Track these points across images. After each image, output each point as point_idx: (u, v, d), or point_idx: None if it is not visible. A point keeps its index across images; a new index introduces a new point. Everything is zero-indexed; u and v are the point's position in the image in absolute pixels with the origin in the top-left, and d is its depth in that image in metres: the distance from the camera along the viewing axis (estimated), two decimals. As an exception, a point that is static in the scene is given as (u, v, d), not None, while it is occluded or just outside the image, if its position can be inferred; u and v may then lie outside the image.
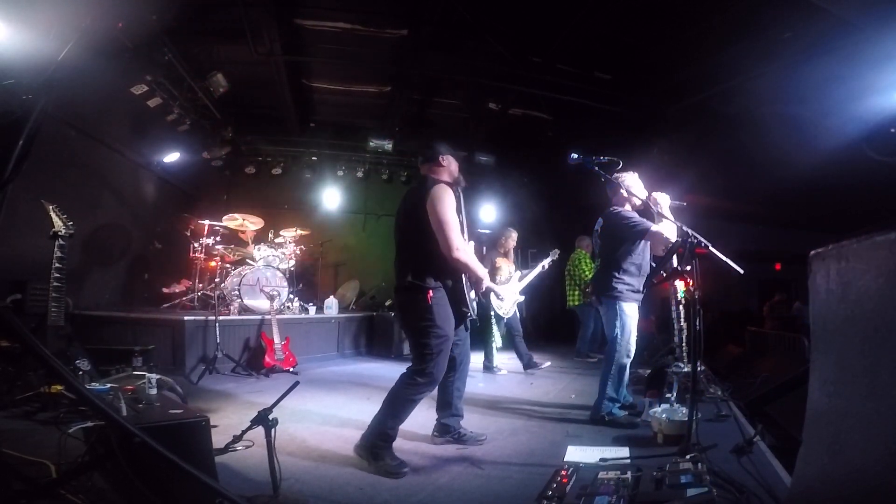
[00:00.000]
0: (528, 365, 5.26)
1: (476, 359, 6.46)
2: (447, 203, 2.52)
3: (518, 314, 5.42)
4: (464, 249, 2.53)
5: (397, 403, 2.52)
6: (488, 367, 5.31)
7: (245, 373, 4.80)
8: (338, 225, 8.49)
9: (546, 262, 5.33)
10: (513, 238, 5.52)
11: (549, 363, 5.44)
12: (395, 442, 2.50)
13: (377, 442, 2.44)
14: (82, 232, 4.97)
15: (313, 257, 7.58)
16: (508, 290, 5.25)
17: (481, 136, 8.21)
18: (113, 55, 4.56)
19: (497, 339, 5.33)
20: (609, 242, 3.39)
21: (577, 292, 6.33)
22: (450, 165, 2.76)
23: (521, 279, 5.35)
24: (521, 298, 5.39)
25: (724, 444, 2.48)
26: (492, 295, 5.16)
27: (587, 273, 6.10)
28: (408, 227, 2.62)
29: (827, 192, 6.72)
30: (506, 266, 5.36)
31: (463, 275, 2.62)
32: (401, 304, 2.69)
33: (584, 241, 6.30)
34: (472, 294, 2.73)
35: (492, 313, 5.23)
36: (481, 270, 2.67)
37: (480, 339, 5.26)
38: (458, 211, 2.63)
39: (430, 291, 2.50)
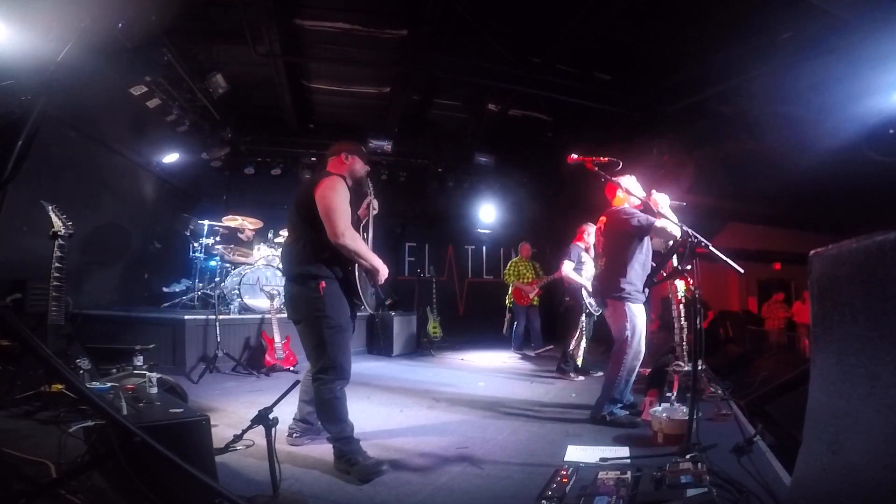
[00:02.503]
0: (565, 372, 5.04)
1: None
2: (338, 191, 2.47)
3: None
4: (351, 236, 2.43)
5: (326, 409, 2.43)
6: (564, 369, 5.05)
7: (245, 372, 4.81)
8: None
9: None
10: (594, 232, 5.14)
11: (582, 378, 4.98)
12: (395, 442, 2.48)
13: (342, 450, 2.37)
14: (82, 232, 4.96)
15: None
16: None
17: (481, 136, 8.22)
18: (113, 55, 4.57)
19: (584, 339, 5.10)
20: (613, 241, 3.36)
21: (510, 292, 7.12)
22: (352, 165, 2.74)
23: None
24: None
25: (724, 444, 2.48)
26: (583, 291, 5.00)
27: (510, 276, 7.01)
28: (297, 215, 2.56)
29: (827, 192, 6.72)
30: (589, 262, 5.15)
31: (356, 265, 2.52)
32: (291, 295, 2.54)
33: (525, 248, 7.15)
34: (369, 286, 2.63)
35: (585, 312, 5.03)
36: (375, 260, 2.55)
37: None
38: (356, 209, 2.65)
39: (323, 282, 2.43)
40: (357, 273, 2.54)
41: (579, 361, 5.18)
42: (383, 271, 2.60)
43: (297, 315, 2.51)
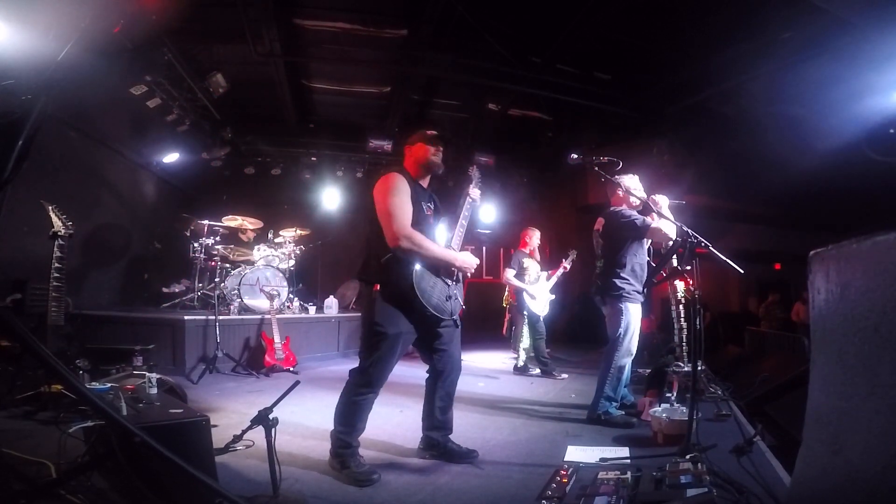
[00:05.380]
0: (547, 373, 5.17)
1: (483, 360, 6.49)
2: (391, 190, 2.37)
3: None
4: (408, 236, 2.29)
5: (343, 407, 2.42)
6: (545, 370, 5.18)
7: (245, 372, 4.80)
8: (337, 225, 8.49)
9: (567, 263, 5.36)
10: (536, 236, 5.48)
11: (566, 376, 5.12)
12: (395, 441, 2.47)
13: (338, 451, 2.35)
14: (82, 232, 4.97)
15: (313, 257, 7.58)
16: (540, 290, 5.27)
17: (481, 136, 8.22)
18: (113, 55, 4.56)
19: (525, 340, 5.30)
20: (611, 242, 3.39)
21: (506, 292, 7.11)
22: (417, 153, 2.60)
23: (547, 279, 5.38)
24: (553, 297, 5.41)
25: (724, 444, 2.48)
26: (524, 295, 5.22)
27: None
28: (366, 216, 2.52)
29: (827, 192, 6.71)
30: (533, 266, 5.36)
31: (414, 267, 2.34)
32: (361, 296, 2.63)
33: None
34: (437, 285, 2.42)
35: (525, 313, 5.26)
36: (444, 253, 2.42)
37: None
38: (421, 202, 2.47)
39: (377, 286, 2.38)
40: (415, 275, 2.34)
41: (520, 362, 5.33)
42: (461, 262, 2.46)
43: (362, 315, 2.51)
